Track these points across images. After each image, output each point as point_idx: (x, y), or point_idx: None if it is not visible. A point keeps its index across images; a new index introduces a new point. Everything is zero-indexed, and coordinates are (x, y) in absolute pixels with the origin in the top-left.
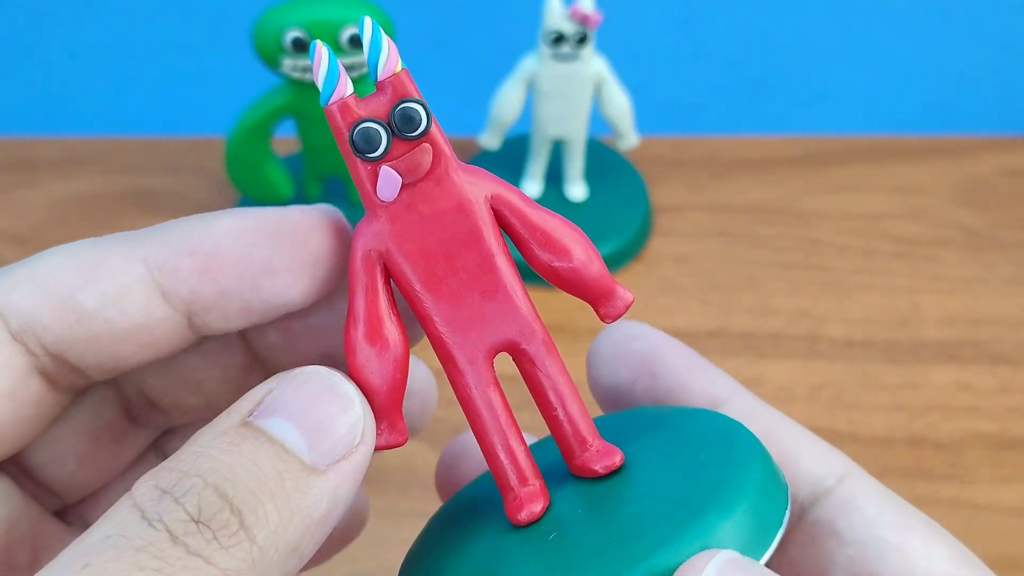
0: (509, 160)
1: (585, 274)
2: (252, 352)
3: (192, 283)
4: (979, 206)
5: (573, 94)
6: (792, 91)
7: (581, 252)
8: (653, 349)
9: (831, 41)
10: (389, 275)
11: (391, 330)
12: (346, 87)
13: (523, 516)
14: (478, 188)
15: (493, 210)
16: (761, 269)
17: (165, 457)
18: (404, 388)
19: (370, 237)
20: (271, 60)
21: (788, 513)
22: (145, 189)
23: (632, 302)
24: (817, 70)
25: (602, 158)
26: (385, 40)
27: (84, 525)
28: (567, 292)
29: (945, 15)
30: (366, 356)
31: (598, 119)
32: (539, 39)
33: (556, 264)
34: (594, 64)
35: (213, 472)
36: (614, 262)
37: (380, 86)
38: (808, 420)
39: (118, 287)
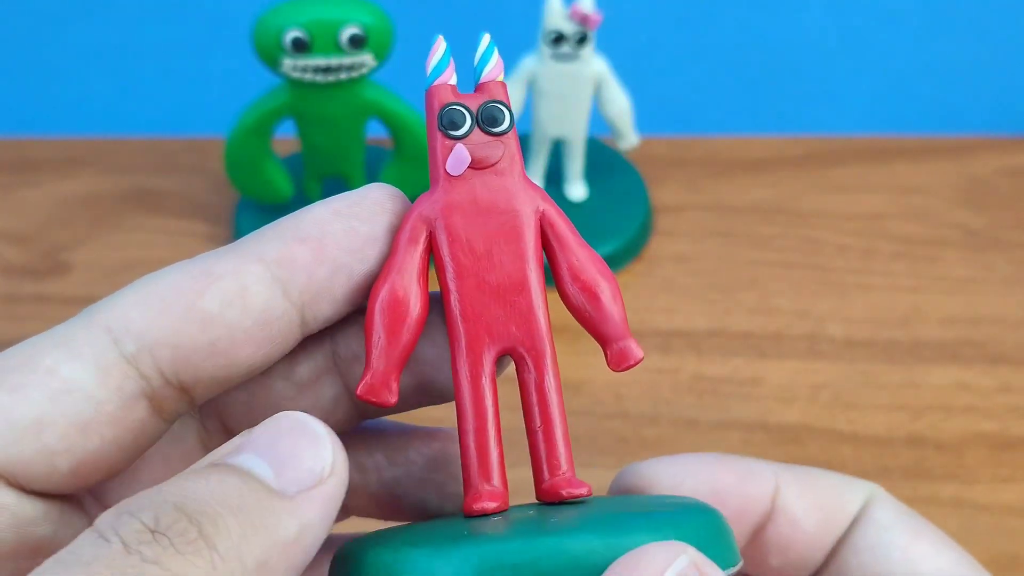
0: None
1: (607, 312)
2: (346, 386)
3: (308, 269)
4: (979, 206)
5: (573, 94)
6: (792, 91)
7: (608, 292)
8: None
9: (831, 41)
10: (432, 245)
11: (415, 291)
12: (450, 78)
13: (477, 508)
14: (533, 199)
15: (540, 227)
16: (761, 269)
17: None
18: (410, 351)
19: (426, 204)
20: (271, 60)
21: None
22: (145, 189)
23: (642, 359)
24: (817, 70)
25: (602, 158)
26: (495, 57)
27: None
28: (584, 327)
29: (945, 15)
30: (386, 305)
31: (598, 119)
32: (539, 39)
33: (581, 298)
34: (594, 64)
35: (173, 492)
36: (614, 262)
37: (479, 88)
38: (808, 420)
39: (239, 287)
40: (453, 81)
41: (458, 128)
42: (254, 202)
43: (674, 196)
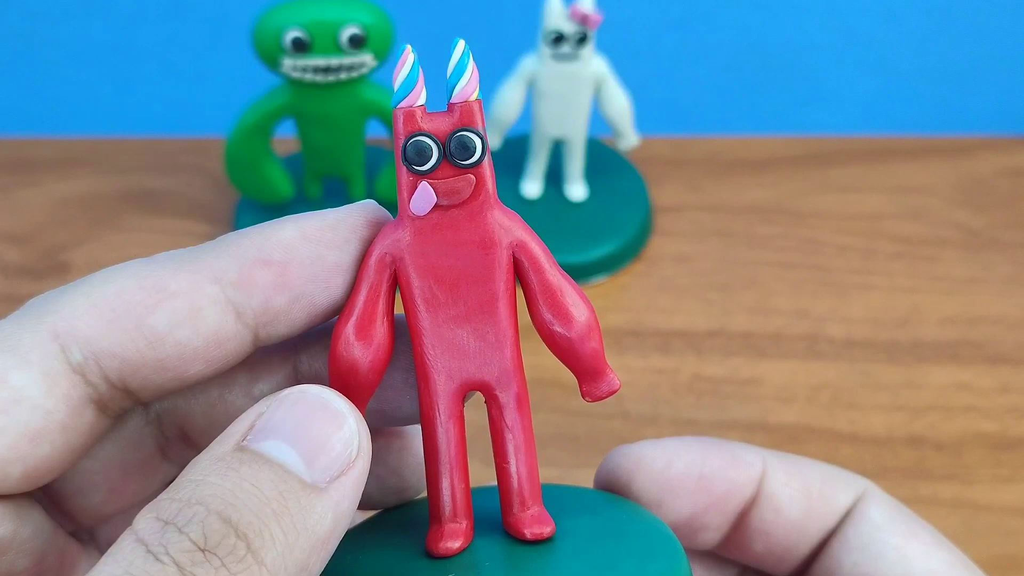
0: (509, 160)
1: (580, 347)
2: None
3: (266, 294)
4: (979, 206)
5: (573, 94)
6: (792, 91)
7: (583, 324)
8: (701, 470)
9: (831, 41)
10: (397, 282)
11: (380, 331)
12: (418, 97)
13: (439, 548)
14: (506, 232)
15: (514, 258)
16: (761, 269)
17: None
18: (374, 389)
19: (390, 241)
20: (271, 60)
21: None
22: (145, 189)
23: (618, 390)
24: (817, 70)
25: (602, 158)
26: (471, 67)
27: (95, 544)
28: (559, 358)
29: (945, 15)
30: (348, 347)
31: (598, 119)
32: (539, 39)
33: (555, 327)
34: (594, 64)
35: (215, 498)
36: (614, 262)
37: (451, 107)
38: (808, 420)
39: (190, 308)
40: (422, 100)
41: (424, 163)
42: (254, 202)
43: (674, 196)
